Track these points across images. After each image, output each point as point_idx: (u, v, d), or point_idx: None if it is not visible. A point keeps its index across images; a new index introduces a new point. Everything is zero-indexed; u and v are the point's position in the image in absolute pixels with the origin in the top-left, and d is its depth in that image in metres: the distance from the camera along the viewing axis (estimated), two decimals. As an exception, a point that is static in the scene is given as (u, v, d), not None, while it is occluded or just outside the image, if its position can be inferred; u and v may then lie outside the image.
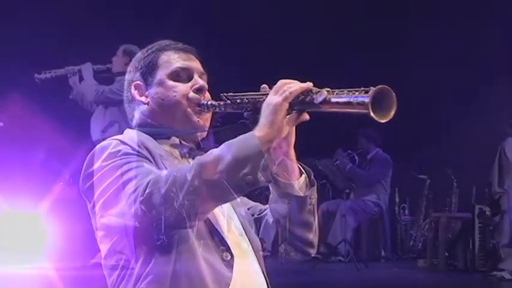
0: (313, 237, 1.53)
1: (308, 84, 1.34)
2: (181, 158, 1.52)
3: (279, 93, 1.33)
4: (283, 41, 6.36)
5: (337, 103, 1.28)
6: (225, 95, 1.48)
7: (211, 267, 1.37)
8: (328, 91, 1.30)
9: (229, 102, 1.46)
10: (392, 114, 1.26)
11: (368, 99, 1.22)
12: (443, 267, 5.51)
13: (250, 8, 6.29)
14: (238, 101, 1.44)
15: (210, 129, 1.56)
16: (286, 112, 1.32)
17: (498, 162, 5.28)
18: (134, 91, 1.56)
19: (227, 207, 1.51)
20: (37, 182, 5.20)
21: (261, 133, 1.30)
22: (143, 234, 1.33)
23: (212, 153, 1.29)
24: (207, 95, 1.54)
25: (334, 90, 1.30)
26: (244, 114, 1.43)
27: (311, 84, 1.34)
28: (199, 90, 1.53)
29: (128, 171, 1.34)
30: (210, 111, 1.53)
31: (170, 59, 1.55)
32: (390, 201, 6.66)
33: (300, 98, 1.32)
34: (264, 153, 1.28)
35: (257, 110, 1.37)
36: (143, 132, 1.51)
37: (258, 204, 1.65)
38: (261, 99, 1.38)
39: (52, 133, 5.16)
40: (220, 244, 1.41)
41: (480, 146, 5.55)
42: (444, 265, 5.52)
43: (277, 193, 1.48)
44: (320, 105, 1.30)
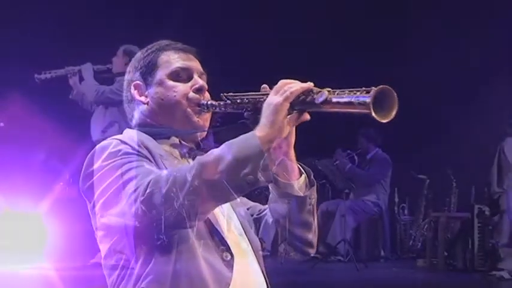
0: (312, 237, 1.53)
1: (309, 84, 1.33)
2: (181, 158, 1.51)
3: (279, 93, 1.32)
4: (283, 41, 6.35)
5: (338, 103, 1.27)
6: (225, 95, 1.47)
7: (211, 267, 1.37)
8: (329, 91, 1.29)
9: (229, 102, 1.46)
10: (394, 114, 1.26)
11: (369, 99, 1.22)
12: (442, 267, 5.51)
13: (250, 8, 6.29)
14: (239, 101, 1.44)
15: (209, 129, 1.56)
16: (287, 112, 1.31)
17: (497, 162, 5.28)
18: (134, 91, 1.56)
19: (227, 207, 1.51)
20: (37, 182, 5.19)
21: (261, 133, 1.29)
22: (143, 234, 1.32)
23: (213, 153, 1.29)
24: (207, 95, 1.53)
25: (335, 90, 1.29)
26: (245, 114, 1.43)
27: (312, 84, 1.33)
28: (199, 90, 1.52)
29: (128, 171, 1.34)
30: (210, 111, 1.53)
31: (170, 59, 1.54)
32: (390, 201, 6.65)
33: (301, 98, 1.32)
34: (265, 153, 1.28)
35: (257, 110, 1.37)
36: (143, 132, 1.50)
37: (257, 204, 1.64)
38: (261, 99, 1.37)
39: (52, 133, 5.15)
40: (220, 244, 1.41)
41: (479, 146, 5.55)
42: (443, 265, 5.52)
43: (277, 193, 1.48)
44: (321, 105, 1.29)
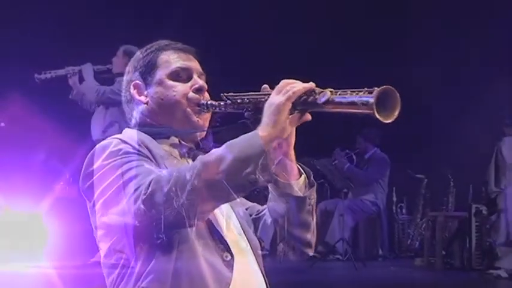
0: (311, 237, 1.53)
1: (311, 84, 1.33)
2: (181, 158, 1.51)
3: (282, 93, 1.32)
4: (283, 41, 6.35)
5: (340, 103, 1.27)
6: (225, 95, 1.46)
7: (211, 267, 1.37)
8: (331, 91, 1.29)
9: (229, 102, 1.45)
10: (397, 114, 1.25)
11: (373, 100, 1.22)
12: (440, 266, 5.52)
13: (250, 8, 6.29)
14: (239, 101, 1.43)
15: (209, 129, 1.55)
16: (289, 112, 1.31)
17: (495, 162, 5.31)
18: (133, 90, 1.55)
19: (226, 207, 1.50)
20: (37, 182, 5.20)
21: (264, 133, 1.29)
22: (144, 233, 1.31)
23: (215, 153, 1.28)
24: (206, 95, 1.53)
25: (337, 91, 1.29)
26: (245, 114, 1.42)
27: (314, 84, 1.33)
28: (198, 90, 1.52)
29: (129, 170, 1.34)
30: (210, 111, 1.52)
31: (170, 58, 1.54)
32: (388, 201, 6.67)
33: (303, 98, 1.31)
34: (266, 153, 1.28)
35: (258, 110, 1.36)
36: (142, 131, 1.49)
37: (256, 204, 1.64)
38: (262, 99, 1.37)
39: (52, 133, 5.15)
40: (220, 244, 1.41)
41: (477, 146, 5.56)
42: (441, 264, 5.54)
43: (277, 193, 1.48)
44: (323, 105, 1.28)
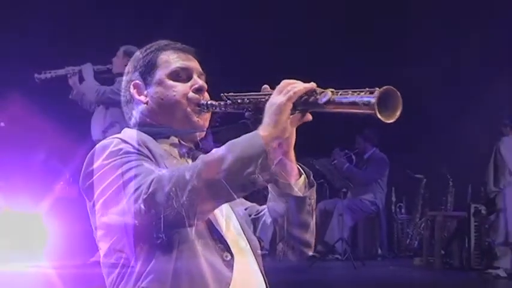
0: (310, 237, 1.52)
1: (312, 84, 1.32)
2: (180, 157, 1.51)
3: (283, 93, 1.31)
4: (283, 41, 6.36)
5: (341, 103, 1.26)
6: (225, 95, 1.46)
7: (211, 267, 1.36)
8: (332, 91, 1.28)
9: (229, 102, 1.45)
10: (398, 114, 1.24)
11: (374, 100, 1.21)
12: (439, 266, 5.54)
13: (250, 8, 6.30)
14: (239, 101, 1.43)
15: (209, 129, 1.55)
16: (290, 112, 1.31)
17: (493, 162, 5.33)
18: (133, 90, 1.55)
19: (225, 207, 1.50)
20: (37, 182, 5.21)
21: (265, 133, 1.29)
22: (144, 232, 1.31)
23: (216, 153, 1.28)
24: (206, 95, 1.53)
25: (338, 91, 1.28)
26: (246, 115, 1.42)
27: (315, 84, 1.33)
28: (198, 90, 1.52)
29: (129, 170, 1.33)
30: (210, 111, 1.52)
31: (169, 58, 1.54)
32: (387, 200, 6.69)
33: (304, 98, 1.31)
34: (267, 153, 1.28)
35: (259, 110, 1.36)
36: (142, 131, 1.49)
37: (255, 205, 1.64)
38: (263, 100, 1.37)
39: (52, 133, 5.15)
40: (220, 244, 1.41)
41: (476, 146, 5.58)
42: (440, 263, 5.56)
43: (276, 193, 1.48)
44: (324, 105, 1.28)
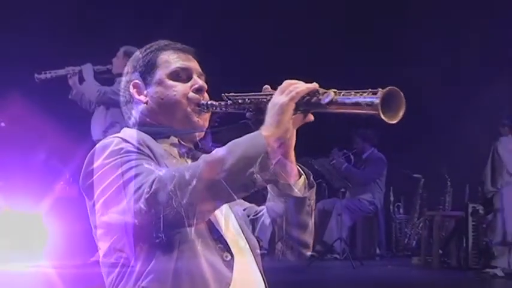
0: (308, 238, 1.52)
1: (314, 84, 1.32)
2: (180, 157, 1.50)
3: (285, 93, 1.31)
4: (283, 41, 6.36)
5: (344, 104, 1.25)
6: (226, 95, 1.46)
7: (211, 267, 1.37)
8: (334, 92, 1.28)
9: (229, 102, 1.44)
10: (401, 115, 1.23)
11: (378, 100, 1.20)
12: (437, 265, 5.55)
13: (250, 8, 6.31)
14: (240, 101, 1.42)
15: (208, 129, 1.55)
16: (292, 112, 1.31)
17: (491, 162, 5.35)
18: (133, 90, 1.54)
19: (225, 207, 1.49)
20: (37, 182, 5.22)
21: (267, 133, 1.29)
22: (145, 232, 1.31)
23: (218, 152, 1.28)
24: (206, 96, 1.53)
25: (340, 91, 1.28)
26: (247, 115, 1.41)
27: (317, 84, 1.32)
28: (198, 90, 1.52)
29: (130, 170, 1.33)
30: (210, 112, 1.52)
31: (169, 58, 1.54)
32: (385, 200, 6.70)
33: (306, 98, 1.30)
34: (268, 153, 1.28)
35: (260, 110, 1.36)
36: (142, 131, 1.49)
37: (254, 205, 1.64)
38: (264, 100, 1.36)
39: (52, 133, 5.16)
40: (220, 243, 1.41)
41: (473, 146, 5.60)
42: (438, 263, 5.57)
43: (276, 193, 1.48)
44: (327, 106, 1.27)
